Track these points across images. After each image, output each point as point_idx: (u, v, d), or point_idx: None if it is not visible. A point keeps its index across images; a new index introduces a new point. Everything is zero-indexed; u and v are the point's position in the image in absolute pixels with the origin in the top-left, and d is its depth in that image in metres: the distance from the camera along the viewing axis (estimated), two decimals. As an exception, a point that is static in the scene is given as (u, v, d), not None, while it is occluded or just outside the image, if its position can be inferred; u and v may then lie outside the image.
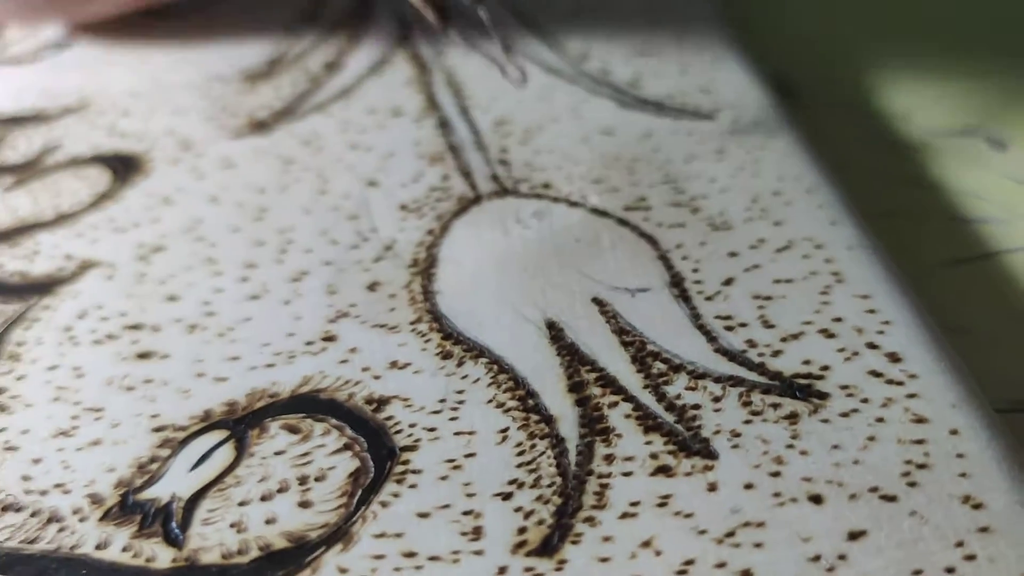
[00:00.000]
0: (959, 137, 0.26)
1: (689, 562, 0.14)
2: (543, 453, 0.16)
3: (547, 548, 0.14)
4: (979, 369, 0.19)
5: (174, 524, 0.15)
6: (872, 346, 0.17)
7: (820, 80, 0.28)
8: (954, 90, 0.27)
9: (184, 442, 0.16)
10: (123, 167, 0.24)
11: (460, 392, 0.17)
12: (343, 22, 0.29)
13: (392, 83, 0.26)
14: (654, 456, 0.15)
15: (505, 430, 0.16)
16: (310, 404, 0.17)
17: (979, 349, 0.20)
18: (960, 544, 0.14)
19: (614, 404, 0.16)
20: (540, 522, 0.15)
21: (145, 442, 0.17)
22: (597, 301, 0.18)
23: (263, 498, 0.15)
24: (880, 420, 0.16)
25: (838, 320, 0.18)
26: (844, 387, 0.17)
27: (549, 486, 0.15)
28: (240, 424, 0.17)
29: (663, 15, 0.28)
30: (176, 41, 0.29)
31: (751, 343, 0.17)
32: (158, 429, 0.17)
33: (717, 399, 0.16)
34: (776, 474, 0.15)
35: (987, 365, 0.19)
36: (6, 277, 0.21)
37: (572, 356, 0.17)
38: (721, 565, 0.14)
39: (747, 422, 0.16)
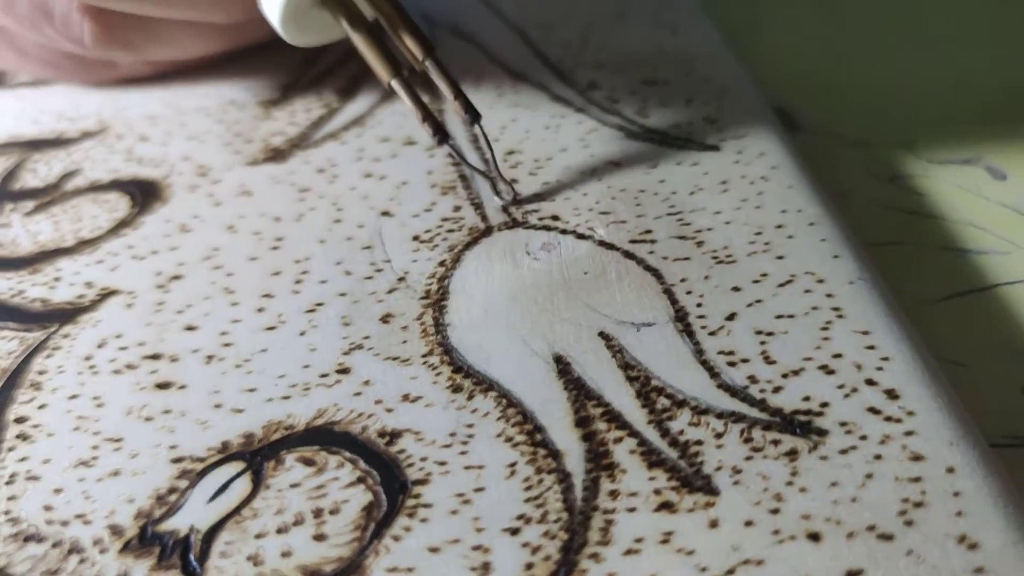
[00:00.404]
0: (960, 166, 0.26)
1: (690, 599, 0.14)
2: (550, 488, 0.16)
3: (553, 584, 0.15)
4: (976, 403, 0.19)
5: (192, 557, 0.16)
6: (871, 382, 0.18)
7: (822, 111, 0.28)
8: (955, 120, 0.28)
9: (202, 473, 0.17)
10: (141, 193, 0.24)
11: (470, 426, 0.17)
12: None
13: (404, 110, 0.26)
14: (657, 492, 0.16)
15: (513, 464, 0.17)
16: (325, 437, 0.17)
17: (976, 383, 0.20)
18: (953, 585, 0.14)
19: (619, 439, 0.17)
20: (547, 558, 0.15)
21: (164, 473, 0.17)
22: (604, 335, 0.19)
23: (279, 531, 0.16)
24: (878, 457, 0.16)
25: (838, 356, 0.18)
26: (843, 424, 0.17)
27: (556, 521, 0.16)
28: (257, 456, 0.17)
29: (670, 46, 0.29)
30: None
31: (753, 379, 0.18)
32: (177, 460, 0.17)
33: (719, 435, 0.17)
34: (776, 511, 0.15)
35: (983, 399, 0.20)
36: (28, 304, 0.21)
37: (579, 390, 0.18)
38: (721, 603, 0.14)
39: (748, 458, 0.16)
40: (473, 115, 0.22)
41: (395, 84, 0.22)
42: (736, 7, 0.34)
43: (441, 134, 0.22)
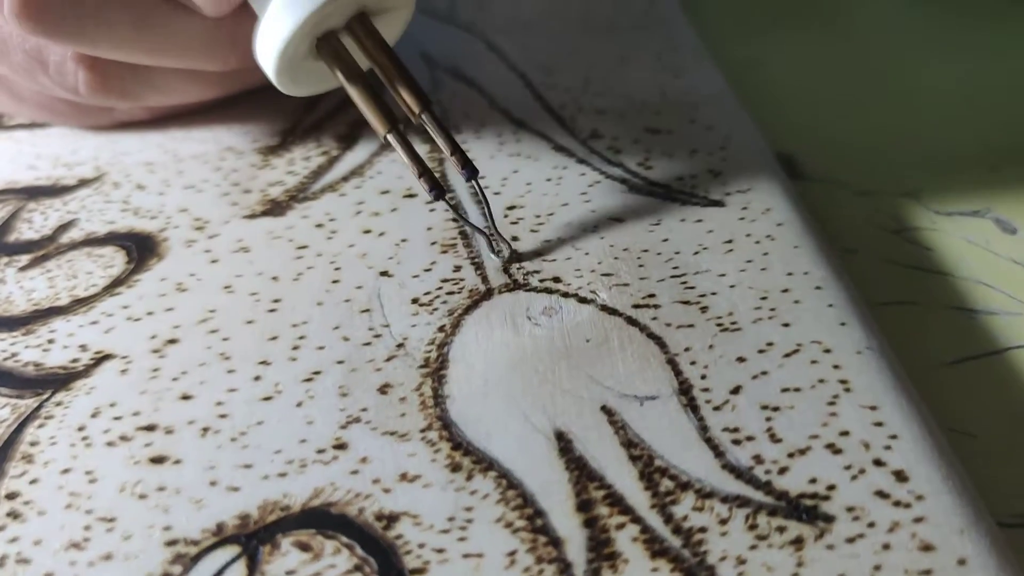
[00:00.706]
0: (968, 218, 0.26)
1: None
2: (551, 579, 0.16)
3: None
4: (984, 478, 0.19)
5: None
6: (879, 463, 0.17)
7: (826, 157, 0.28)
8: (963, 171, 0.27)
9: (196, 558, 0.17)
10: (137, 248, 0.24)
11: (469, 509, 0.17)
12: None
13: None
14: (661, 585, 0.16)
15: (513, 553, 0.16)
16: (321, 519, 0.17)
17: (984, 456, 0.20)
18: None
19: (621, 525, 0.17)
20: (547, 659, 0.15)
21: (157, 557, 0.17)
22: (606, 410, 0.19)
23: (274, 625, 0.15)
24: (886, 547, 0.16)
25: (845, 434, 0.18)
26: (850, 509, 0.17)
27: (556, 617, 0.15)
28: (252, 540, 0.17)
29: (673, 90, 0.28)
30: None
31: (758, 459, 0.18)
32: (171, 543, 0.17)
33: (724, 521, 0.17)
34: (782, 608, 0.15)
35: (992, 473, 0.19)
36: (21, 368, 0.21)
37: (580, 471, 0.18)
38: None
39: (753, 547, 0.16)
40: (470, 171, 0.22)
41: (391, 138, 0.22)
42: (740, 48, 0.34)
43: (437, 190, 0.22)
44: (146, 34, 0.23)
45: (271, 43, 0.21)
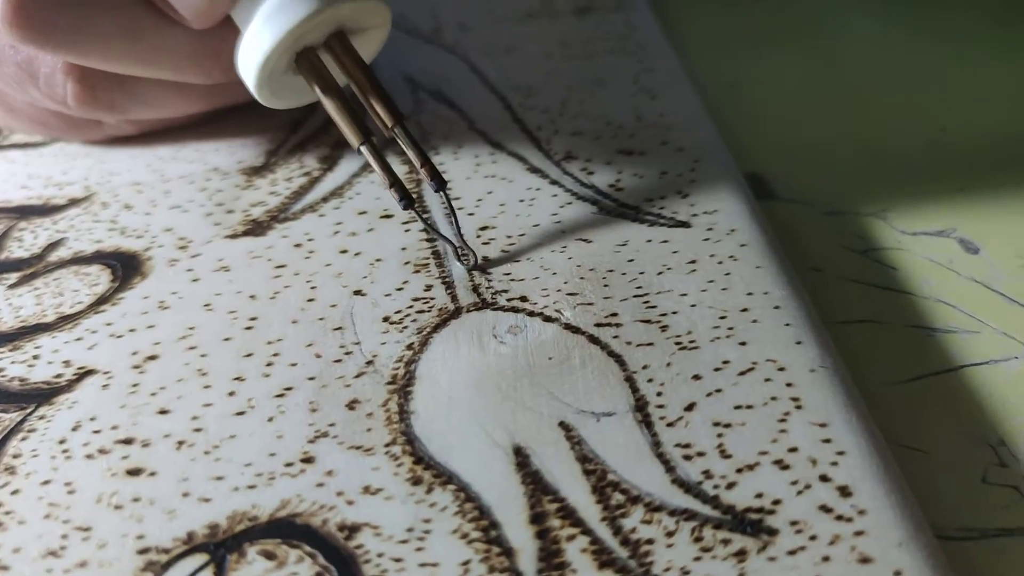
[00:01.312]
0: (933, 238, 0.26)
1: None
2: (502, 588, 0.17)
3: None
4: (932, 493, 0.20)
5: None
6: (824, 478, 0.18)
7: (798, 177, 0.29)
8: (931, 191, 0.28)
9: (167, 565, 0.17)
10: (122, 266, 0.25)
11: (427, 521, 0.18)
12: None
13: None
14: (606, 595, 0.16)
15: (467, 563, 0.17)
16: (287, 529, 0.18)
17: (933, 471, 0.20)
18: None
19: (572, 537, 0.17)
20: (493, 665, 0.15)
21: (130, 565, 0.18)
22: (564, 425, 0.19)
23: (236, 631, 0.16)
24: (826, 559, 0.17)
25: (793, 450, 0.19)
26: (794, 523, 0.17)
27: (505, 625, 0.16)
28: (220, 548, 0.18)
29: (648, 112, 0.29)
30: (181, 129, 0.30)
31: (707, 474, 0.18)
32: (143, 551, 0.18)
33: (670, 533, 0.17)
34: (721, 617, 0.16)
35: (941, 489, 0.20)
36: (7, 383, 0.22)
37: (536, 485, 0.18)
38: None
39: (697, 559, 0.17)
40: (438, 183, 0.23)
41: (364, 149, 0.23)
42: (718, 70, 0.34)
43: (407, 200, 0.23)
44: (135, 45, 0.24)
45: (252, 57, 0.22)
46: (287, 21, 0.21)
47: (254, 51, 0.22)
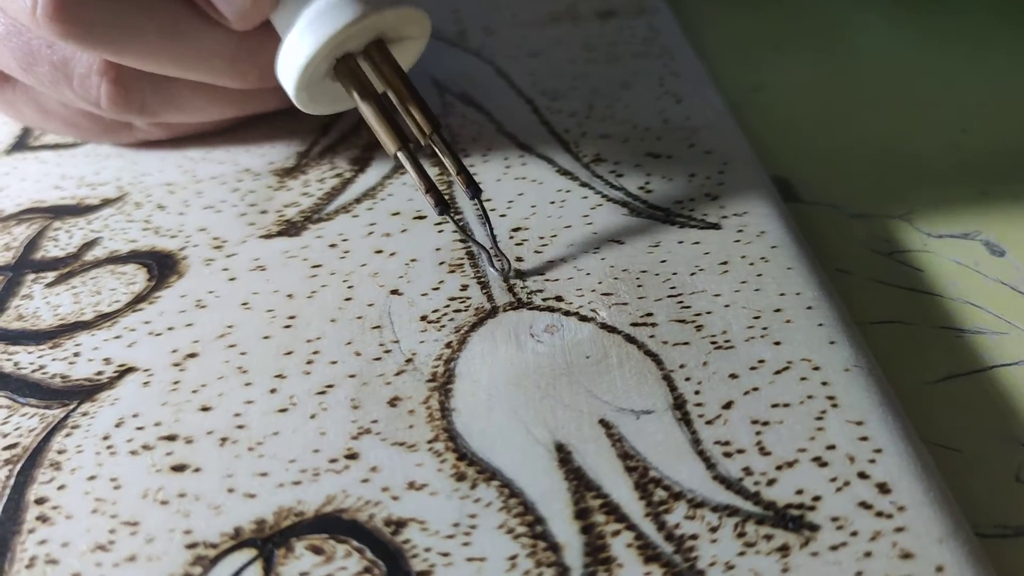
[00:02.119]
0: (959, 240, 0.27)
1: None
2: (549, 582, 0.17)
3: None
4: (968, 492, 0.20)
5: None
6: (863, 476, 0.18)
7: (823, 181, 0.29)
8: (955, 194, 0.28)
9: (215, 560, 0.18)
10: (158, 265, 0.25)
11: (473, 516, 0.18)
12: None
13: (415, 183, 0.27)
14: (653, 588, 0.17)
15: (514, 557, 0.17)
16: (333, 524, 0.18)
17: (968, 470, 0.21)
18: None
19: (617, 532, 0.18)
20: (545, 657, 0.16)
21: (179, 559, 0.18)
22: (604, 423, 0.20)
23: (288, 623, 0.16)
24: (868, 555, 0.17)
25: (831, 448, 0.19)
26: (834, 519, 0.18)
27: (554, 617, 0.16)
28: (268, 543, 0.18)
29: (674, 115, 0.29)
30: (208, 128, 0.30)
31: (747, 471, 0.19)
32: (191, 546, 0.18)
33: (714, 529, 0.18)
34: (767, 611, 0.16)
35: (975, 487, 0.20)
36: (48, 380, 0.22)
37: (579, 481, 0.19)
38: None
39: (741, 554, 0.17)
40: (474, 190, 0.23)
41: (401, 156, 0.23)
42: (741, 73, 0.35)
43: (442, 205, 0.23)
44: (173, 44, 0.24)
45: (293, 61, 0.22)
46: (331, 26, 0.22)
47: (296, 55, 0.22)
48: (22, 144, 0.31)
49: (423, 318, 0.23)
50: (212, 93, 0.27)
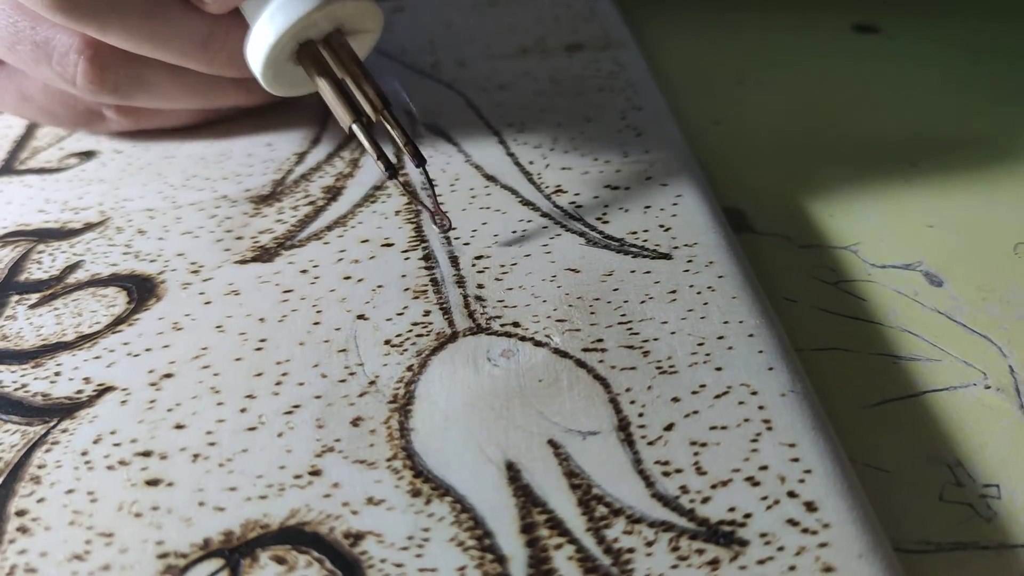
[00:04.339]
0: (900, 271, 0.28)
1: None
2: (495, 592, 0.18)
3: None
4: (893, 509, 0.21)
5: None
6: (792, 494, 0.20)
7: (776, 211, 0.31)
8: (901, 226, 0.30)
9: (185, 570, 0.19)
10: (137, 289, 0.26)
11: (426, 530, 0.19)
12: (344, 146, 0.32)
13: (385, 211, 0.28)
14: (590, 598, 0.18)
15: (463, 568, 0.19)
16: (296, 536, 0.19)
17: (895, 489, 0.22)
18: None
19: (559, 546, 0.19)
20: (486, 661, 0.17)
21: (150, 568, 0.19)
22: (552, 443, 0.21)
23: (250, 629, 0.18)
24: (792, 568, 0.18)
25: (764, 468, 0.20)
26: (763, 535, 0.19)
27: (497, 625, 0.18)
28: (234, 554, 0.19)
29: (633, 148, 0.31)
30: (191, 158, 0.32)
31: (684, 489, 0.20)
32: (162, 556, 0.19)
33: (650, 543, 0.19)
34: (694, 619, 0.17)
35: (901, 505, 0.22)
36: (30, 398, 0.23)
37: (526, 497, 0.20)
38: None
39: (674, 567, 0.18)
40: (419, 159, 0.26)
41: (355, 128, 0.26)
42: (704, 106, 0.36)
43: (391, 170, 0.26)
44: (152, 22, 0.26)
45: (261, 42, 0.26)
46: (296, 12, 0.25)
47: (264, 36, 0.25)
48: (8, 168, 0.32)
49: (387, 342, 0.24)
50: (181, 77, 0.30)
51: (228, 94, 0.31)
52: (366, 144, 0.26)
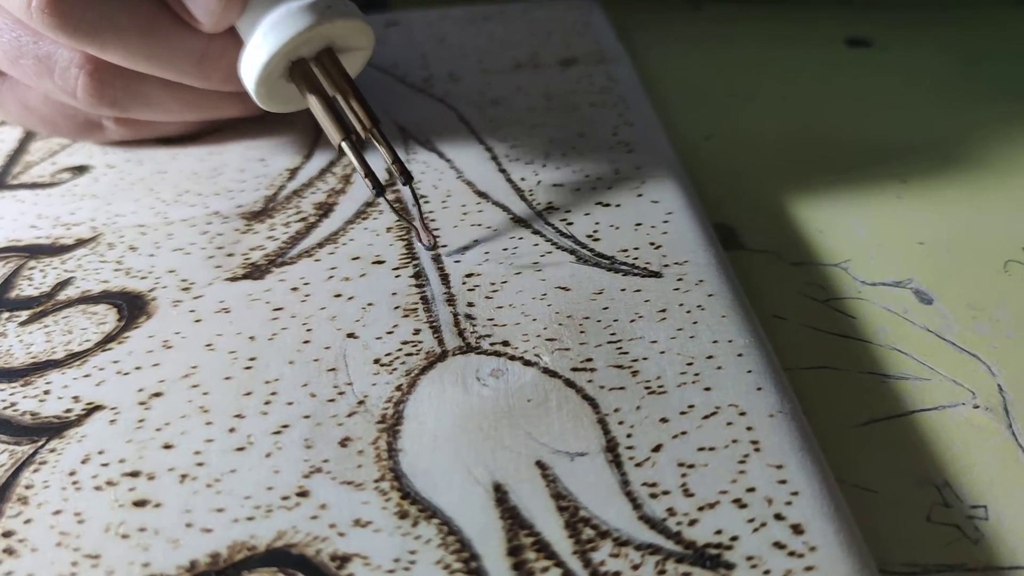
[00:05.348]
0: (891, 288, 0.28)
1: None
2: (480, 616, 0.18)
3: None
4: (880, 531, 0.21)
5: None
6: (779, 517, 0.20)
7: (767, 228, 0.31)
8: (892, 243, 0.30)
9: (171, 592, 0.19)
10: (128, 306, 0.26)
11: (413, 552, 0.19)
12: (337, 161, 0.32)
13: (377, 228, 0.28)
14: (576, 623, 0.18)
15: (449, 592, 0.19)
16: (283, 559, 0.19)
17: (883, 510, 0.22)
18: None
19: (545, 569, 0.19)
20: None
21: (137, 590, 0.19)
22: (540, 464, 0.21)
23: (236, 653, 0.18)
24: (777, 592, 0.18)
25: (751, 490, 0.20)
26: (749, 558, 0.19)
27: (483, 649, 0.18)
28: (221, 576, 0.19)
29: (625, 164, 0.31)
30: (183, 173, 0.32)
31: (671, 511, 0.20)
32: (148, 578, 0.19)
33: (636, 567, 0.19)
34: (679, 644, 0.17)
35: (888, 527, 0.22)
36: (19, 417, 0.23)
37: (513, 520, 0.20)
38: None
39: (660, 590, 0.18)
40: (406, 177, 0.27)
41: (344, 145, 0.27)
42: (696, 121, 0.36)
43: (379, 188, 0.26)
44: (149, 41, 0.27)
45: (255, 60, 0.26)
46: (289, 31, 0.26)
47: (257, 54, 0.26)
48: (0, 182, 0.32)
49: (376, 361, 0.24)
50: (178, 92, 0.30)
51: (224, 107, 0.32)
52: (355, 162, 0.27)
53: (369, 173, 0.26)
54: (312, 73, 0.27)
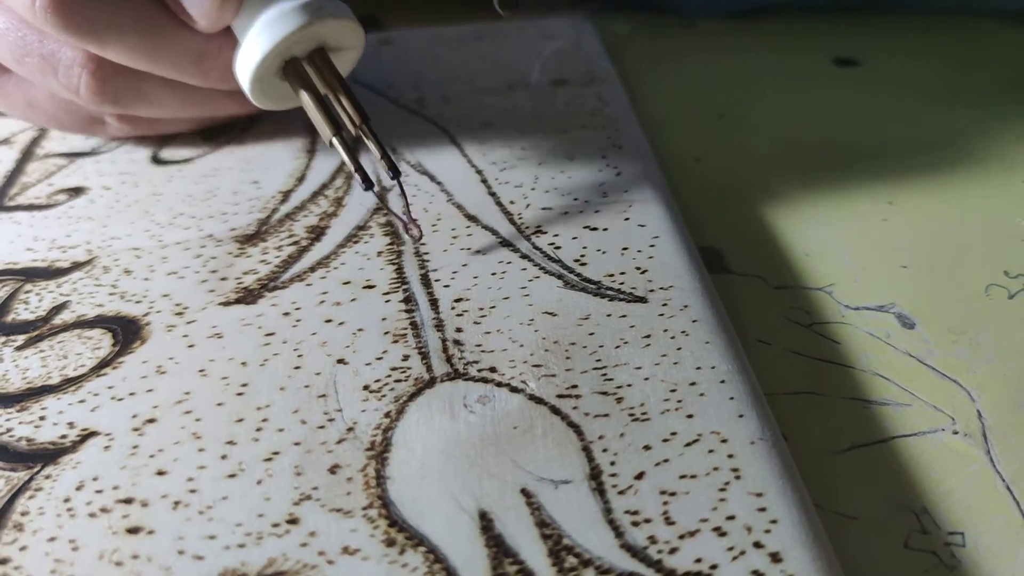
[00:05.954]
0: (873, 313, 0.29)
1: None
2: (465, 644, 0.19)
3: None
4: (858, 557, 0.22)
5: None
6: (758, 545, 0.20)
7: (752, 256, 0.31)
8: (876, 267, 0.30)
9: (162, 620, 0.19)
10: (122, 331, 0.27)
11: (400, 581, 0.20)
12: (329, 184, 0.33)
13: (368, 252, 0.29)
14: (557, 652, 0.18)
15: (435, 620, 0.19)
16: (272, 586, 0.20)
17: (861, 537, 0.22)
18: None
19: (529, 598, 0.19)
20: None
21: (129, 618, 0.19)
22: (525, 492, 0.21)
23: None
24: (754, 620, 0.19)
25: (731, 518, 0.21)
26: (728, 586, 0.19)
27: None
28: (211, 604, 0.20)
29: (613, 187, 0.31)
30: (178, 195, 0.32)
31: (652, 539, 0.20)
32: (141, 606, 0.20)
33: (618, 595, 0.19)
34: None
35: (866, 553, 0.22)
36: (15, 443, 0.24)
37: (498, 548, 0.20)
38: None
39: (640, 619, 0.19)
40: (394, 172, 0.28)
41: (335, 141, 0.28)
42: (686, 143, 0.37)
43: (367, 182, 0.28)
44: (149, 40, 0.28)
45: (249, 58, 0.27)
46: (280, 31, 0.27)
47: (252, 53, 0.27)
48: (-2, 204, 0.33)
49: (366, 387, 0.24)
50: (177, 90, 0.31)
51: (222, 104, 0.33)
52: (345, 157, 0.28)
53: (359, 168, 0.28)
54: (305, 72, 0.28)
